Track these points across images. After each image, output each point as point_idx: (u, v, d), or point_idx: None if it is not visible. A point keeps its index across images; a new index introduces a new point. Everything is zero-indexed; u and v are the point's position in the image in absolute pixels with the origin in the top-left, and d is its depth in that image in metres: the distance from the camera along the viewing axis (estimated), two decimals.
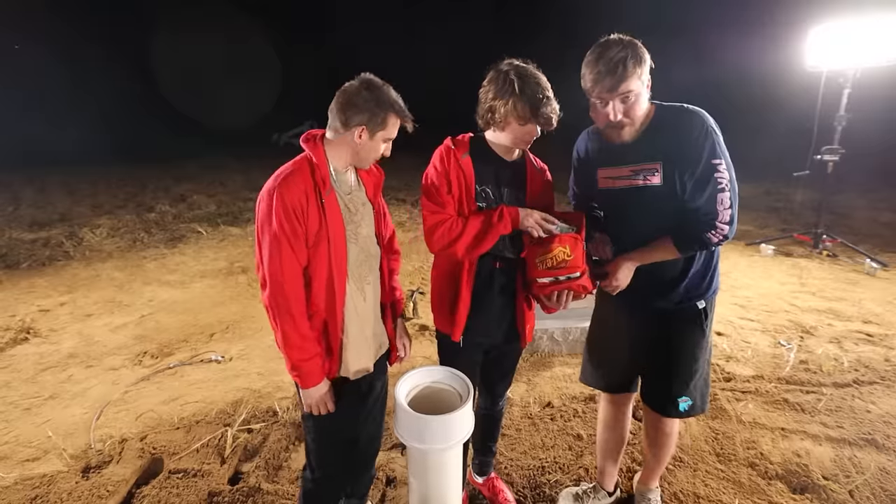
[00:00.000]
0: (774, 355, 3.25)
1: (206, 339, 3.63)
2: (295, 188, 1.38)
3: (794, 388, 2.88)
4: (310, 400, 1.51)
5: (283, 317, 1.40)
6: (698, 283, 1.65)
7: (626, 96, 1.44)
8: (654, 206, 1.56)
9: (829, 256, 5.14)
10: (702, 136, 1.46)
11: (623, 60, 1.40)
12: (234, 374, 3.13)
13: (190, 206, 7.79)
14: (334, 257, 1.45)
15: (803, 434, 2.48)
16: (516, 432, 2.56)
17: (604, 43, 1.45)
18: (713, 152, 1.46)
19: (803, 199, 6.72)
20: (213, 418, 2.68)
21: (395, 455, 2.38)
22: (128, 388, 2.98)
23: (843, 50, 4.74)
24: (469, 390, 1.40)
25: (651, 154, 1.52)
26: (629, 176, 1.58)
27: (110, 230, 6.43)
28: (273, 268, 1.38)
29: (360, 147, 1.46)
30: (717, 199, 1.46)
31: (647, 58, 1.45)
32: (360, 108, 1.41)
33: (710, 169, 1.46)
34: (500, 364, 1.93)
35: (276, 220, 1.36)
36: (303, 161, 1.45)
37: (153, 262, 5.37)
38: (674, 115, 1.52)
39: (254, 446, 2.45)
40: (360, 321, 1.56)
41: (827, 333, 3.52)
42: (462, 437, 1.34)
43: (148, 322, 3.91)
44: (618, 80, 1.41)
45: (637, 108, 1.48)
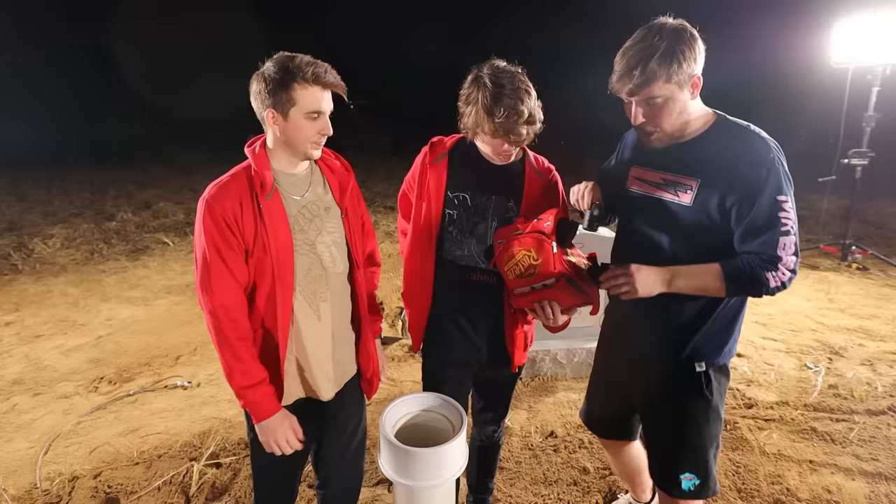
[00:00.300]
0: (800, 379, 3.26)
1: (171, 362, 3.59)
2: (226, 197, 1.35)
3: (823, 415, 2.89)
4: (267, 436, 1.44)
5: (220, 341, 1.37)
6: (709, 342, 1.52)
7: (649, 101, 1.36)
8: (674, 230, 1.46)
9: (859, 269, 5.19)
10: (765, 164, 1.31)
11: (645, 61, 1.30)
12: (201, 401, 3.10)
13: (155, 214, 7.77)
14: (277, 269, 1.40)
15: (834, 467, 2.48)
16: (516, 465, 2.54)
17: (643, 30, 1.35)
18: (779, 186, 1.31)
19: (830, 207, 6.79)
20: (178, 452, 2.64)
21: (382, 492, 2.35)
22: (81, 418, 2.94)
23: (871, 45, 4.80)
24: (462, 419, 1.39)
25: (691, 167, 1.41)
26: (658, 184, 1.48)
27: (65, 241, 6.39)
28: (205, 288, 1.35)
29: (284, 135, 1.40)
30: (780, 243, 1.31)
31: (691, 55, 1.31)
32: (263, 90, 1.36)
33: (773, 207, 1.31)
34: (492, 389, 1.92)
35: (206, 234, 1.34)
36: (242, 166, 1.44)
37: (113, 276, 5.33)
38: (734, 133, 1.39)
39: (223, 483, 2.42)
40: (311, 343, 1.51)
41: (858, 355, 3.54)
42: (454, 472, 1.33)
43: (105, 343, 3.86)
44: (635, 85, 1.33)
45: (666, 115, 1.37)
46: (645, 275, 1.40)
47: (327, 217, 1.53)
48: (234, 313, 1.38)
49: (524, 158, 1.72)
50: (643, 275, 1.39)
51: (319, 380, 1.54)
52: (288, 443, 1.45)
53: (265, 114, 1.38)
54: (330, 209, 1.54)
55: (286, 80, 1.32)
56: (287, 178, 1.47)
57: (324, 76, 1.36)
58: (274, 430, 1.43)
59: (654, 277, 1.40)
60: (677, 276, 1.40)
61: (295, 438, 1.47)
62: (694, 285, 1.39)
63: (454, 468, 1.33)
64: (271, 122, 1.39)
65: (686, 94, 1.36)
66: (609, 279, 1.43)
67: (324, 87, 1.37)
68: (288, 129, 1.39)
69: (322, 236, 1.51)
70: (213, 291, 1.35)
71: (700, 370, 1.51)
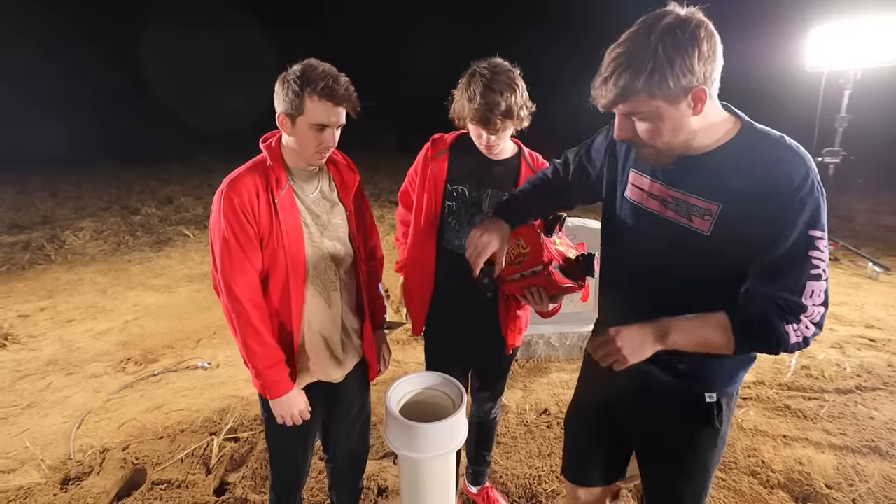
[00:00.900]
0: (775, 361, 3.26)
1: (192, 345, 3.60)
2: (244, 188, 1.35)
3: (796, 394, 2.89)
4: (282, 411, 1.46)
5: (242, 325, 1.37)
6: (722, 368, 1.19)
7: (630, 115, 1.04)
8: (686, 259, 1.10)
9: (830, 260, 5.16)
10: (802, 189, 0.97)
11: (621, 70, 0.97)
12: (220, 381, 3.11)
13: (177, 209, 7.74)
14: (290, 260, 1.41)
15: (805, 441, 2.48)
16: (512, 440, 2.55)
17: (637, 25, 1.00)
18: (815, 219, 0.97)
19: None
20: (199, 427, 2.65)
21: (387, 464, 2.36)
22: (110, 396, 2.95)
23: (843, 50, 4.78)
24: (462, 397, 1.39)
25: (710, 189, 1.05)
26: (667, 202, 1.12)
27: (94, 233, 6.37)
28: (226, 274, 1.34)
29: (293, 139, 1.38)
30: (807, 290, 0.98)
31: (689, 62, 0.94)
32: (280, 94, 1.34)
33: (804, 243, 0.97)
34: (489, 369, 1.93)
35: (225, 222, 1.33)
36: (258, 160, 1.43)
37: (138, 265, 5.33)
38: (764, 146, 1.03)
39: (241, 456, 2.43)
40: (322, 327, 1.52)
41: (829, 338, 3.54)
42: (455, 445, 1.33)
43: (132, 328, 3.87)
44: (609, 100, 1.02)
45: (653, 133, 1.03)
46: (630, 338, 1.08)
47: (334, 213, 1.52)
48: (254, 298, 1.38)
49: (520, 154, 1.72)
50: (628, 338, 1.08)
51: (329, 363, 1.55)
52: (301, 416, 1.49)
53: (278, 115, 1.37)
54: (336, 206, 1.54)
55: (300, 88, 1.30)
56: (299, 175, 1.46)
57: (336, 92, 1.31)
58: (290, 406, 1.46)
59: (643, 338, 1.07)
60: (673, 330, 1.07)
61: (307, 412, 1.50)
62: (695, 341, 1.07)
63: (454, 442, 1.33)
64: (281, 125, 1.38)
65: (683, 110, 0.99)
66: (595, 350, 1.13)
67: (335, 104, 1.33)
68: (294, 135, 1.37)
69: (329, 231, 1.50)
70: (233, 277, 1.34)
71: (710, 401, 1.21)
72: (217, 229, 1.36)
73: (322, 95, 1.30)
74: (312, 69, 1.31)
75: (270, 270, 1.41)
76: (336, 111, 1.34)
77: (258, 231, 1.37)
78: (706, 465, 1.27)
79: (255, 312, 1.38)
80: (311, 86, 1.29)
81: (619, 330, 1.09)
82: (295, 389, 1.46)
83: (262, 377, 1.42)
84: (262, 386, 1.44)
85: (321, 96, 1.30)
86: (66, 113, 14.05)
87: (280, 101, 1.34)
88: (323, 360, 1.54)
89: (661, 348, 1.07)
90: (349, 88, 1.35)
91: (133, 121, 15.18)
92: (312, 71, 1.30)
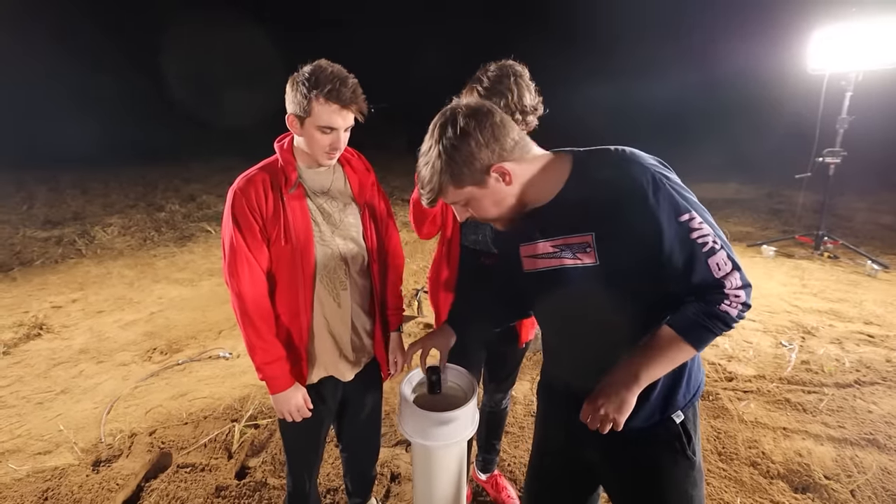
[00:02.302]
0: (776, 355, 3.22)
1: (215, 336, 3.63)
2: (252, 187, 1.33)
3: (796, 388, 2.85)
4: (281, 406, 1.44)
5: (245, 320, 1.36)
6: (675, 387, 1.13)
7: (455, 204, 1.09)
8: (592, 297, 1.06)
9: (830, 258, 5.09)
10: (646, 191, 0.97)
11: (424, 173, 1.05)
12: (241, 370, 3.14)
13: (199, 206, 7.82)
14: (298, 258, 1.38)
15: (805, 434, 2.45)
16: (520, 430, 2.54)
17: (435, 125, 1.04)
18: (674, 207, 0.97)
19: (805, 202, 6.66)
20: (221, 414, 2.68)
21: (400, 451, 2.37)
22: (137, 383, 2.99)
23: (845, 53, 4.70)
24: (474, 388, 1.39)
25: (575, 223, 1.05)
26: (553, 253, 1.10)
27: (121, 229, 6.46)
28: (231, 270, 1.33)
29: (302, 140, 1.36)
30: (712, 266, 0.97)
31: (476, 148, 1.00)
32: (290, 95, 1.31)
33: (681, 231, 0.97)
34: (503, 363, 1.92)
35: (233, 220, 1.32)
36: (270, 160, 1.41)
37: (163, 260, 5.39)
38: (599, 166, 1.04)
39: (261, 442, 2.45)
40: (331, 326, 1.49)
41: (828, 334, 3.49)
42: (466, 434, 1.33)
43: (157, 319, 3.92)
44: (427, 202, 1.08)
45: (481, 211, 1.08)
46: (609, 398, 1.03)
47: (346, 212, 1.49)
48: (257, 296, 1.36)
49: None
50: (608, 400, 1.03)
51: (340, 361, 1.53)
52: (299, 412, 1.45)
53: (287, 116, 1.35)
54: (349, 205, 1.50)
55: (308, 91, 1.27)
56: (310, 174, 1.44)
57: (343, 95, 1.27)
58: (288, 402, 1.43)
59: (618, 392, 1.02)
60: (640, 369, 1.02)
61: (305, 409, 1.47)
62: (663, 366, 1.03)
63: (466, 431, 1.33)
64: (290, 125, 1.36)
65: (493, 187, 1.04)
66: (589, 420, 1.07)
67: (342, 107, 1.30)
68: (303, 136, 1.35)
69: (341, 230, 1.47)
70: (238, 276, 1.33)
71: (679, 421, 1.13)
72: (226, 226, 1.36)
73: (329, 98, 1.27)
74: (321, 71, 1.28)
75: (279, 268, 1.39)
76: (343, 114, 1.31)
77: (265, 229, 1.35)
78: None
79: (257, 309, 1.36)
80: (318, 88, 1.26)
81: (595, 398, 1.05)
82: (293, 388, 1.43)
83: (262, 372, 1.40)
84: (264, 380, 1.42)
85: (328, 99, 1.27)
86: (94, 114, 14.23)
87: (290, 102, 1.32)
88: (332, 358, 1.52)
89: (639, 391, 1.03)
90: (357, 91, 1.31)
91: (156, 122, 15.33)
92: (321, 73, 1.27)
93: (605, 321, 1.08)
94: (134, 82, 16.53)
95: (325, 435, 1.68)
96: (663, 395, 1.12)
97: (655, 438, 1.14)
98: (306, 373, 1.49)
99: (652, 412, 1.12)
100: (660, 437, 1.14)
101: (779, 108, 10.00)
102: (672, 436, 1.13)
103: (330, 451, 2.28)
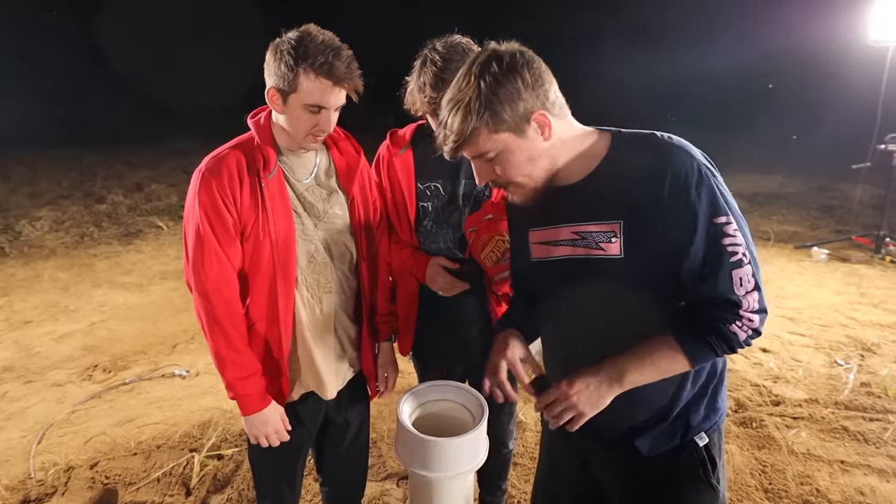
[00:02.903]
0: (830, 376, 3.26)
1: (168, 350, 3.62)
2: (224, 169, 1.32)
3: (855, 414, 2.89)
4: (255, 429, 1.42)
5: (212, 327, 1.34)
6: (697, 405, 1.16)
7: (482, 158, 1.09)
8: (612, 292, 1.10)
9: (893, 262, 5.16)
10: (689, 181, 1.02)
11: (454, 114, 1.05)
12: (200, 391, 3.13)
13: (148, 197, 7.79)
14: (277, 256, 1.37)
15: (867, 468, 2.49)
16: (530, 461, 2.56)
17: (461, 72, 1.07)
18: (714, 206, 1.02)
19: (863, 196, 6.76)
20: (177, 442, 2.67)
21: (390, 487, 2.37)
22: (75, 407, 2.97)
23: None
24: (483, 410, 1.40)
25: (604, 209, 1.09)
26: (572, 241, 1.14)
27: (53, 223, 6.42)
28: (197, 269, 1.32)
29: (284, 118, 1.36)
30: (734, 280, 1.01)
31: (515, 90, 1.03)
32: (271, 65, 1.30)
33: (713, 233, 1.01)
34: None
35: (200, 209, 1.30)
36: (244, 138, 1.40)
37: (105, 260, 5.37)
38: (642, 149, 1.09)
39: (225, 475, 2.45)
40: (313, 337, 1.49)
41: (892, 351, 3.53)
42: (475, 463, 1.35)
43: (99, 330, 3.89)
44: (451, 149, 1.08)
45: (510, 168, 1.09)
46: (585, 388, 1.08)
47: (332, 202, 1.49)
48: (228, 298, 1.35)
49: None
50: (583, 390, 1.08)
51: (321, 376, 1.52)
52: (277, 435, 1.45)
53: (268, 90, 1.34)
54: (335, 194, 1.51)
55: (295, 62, 1.25)
56: (291, 157, 1.44)
57: (336, 70, 1.26)
58: (264, 424, 1.42)
59: (598, 385, 1.08)
60: (627, 369, 1.07)
61: (283, 431, 1.46)
62: (653, 372, 1.08)
63: (475, 460, 1.34)
64: (271, 101, 1.35)
65: (531, 138, 1.07)
66: (548, 409, 1.12)
67: (335, 83, 1.29)
68: (285, 114, 1.35)
69: (325, 223, 1.48)
70: (205, 272, 1.32)
71: (702, 444, 1.16)
72: (191, 216, 1.34)
73: (320, 73, 1.26)
74: (311, 39, 1.26)
75: (254, 267, 1.39)
76: (335, 91, 1.30)
77: (238, 221, 1.34)
78: None
79: (228, 315, 1.35)
80: (307, 60, 1.24)
81: (572, 382, 1.09)
82: (271, 406, 1.42)
83: (233, 389, 1.39)
84: (235, 398, 1.41)
85: (319, 73, 1.26)
86: (17, 83, 14.03)
87: (271, 73, 1.31)
88: (314, 372, 1.51)
89: (619, 392, 1.08)
90: (352, 65, 1.31)
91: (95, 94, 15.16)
92: (311, 41, 1.26)
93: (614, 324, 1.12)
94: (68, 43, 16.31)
95: (303, 464, 1.68)
96: (685, 415, 1.15)
97: (676, 465, 1.16)
98: (286, 390, 1.49)
99: (672, 435, 1.15)
100: (681, 464, 1.16)
101: (833, 87, 10.14)
102: (695, 462, 1.16)
103: (308, 485, 2.28)
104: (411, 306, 1.76)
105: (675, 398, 1.14)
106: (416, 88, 1.53)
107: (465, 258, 1.66)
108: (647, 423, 1.16)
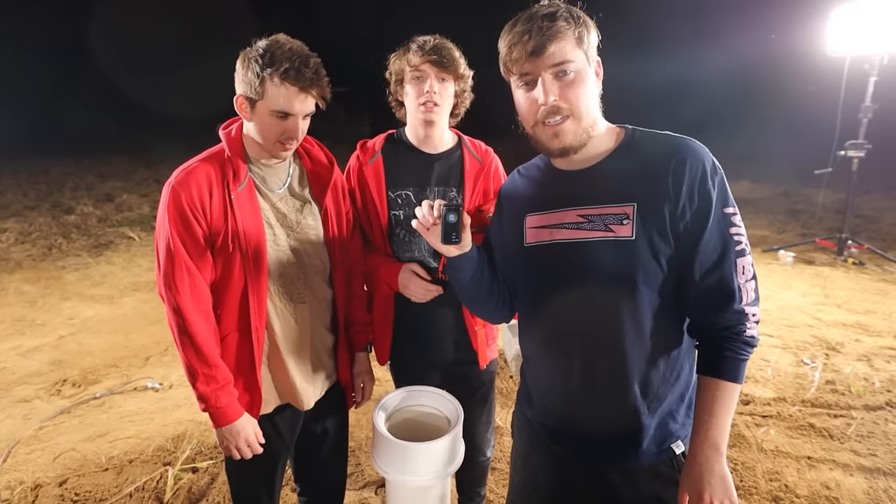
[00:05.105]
0: (797, 375, 3.35)
1: (140, 363, 3.55)
2: (193, 182, 1.32)
3: (821, 411, 2.97)
4: (229, 440, 1.42)
5: (184, 341, 1.34)
6: (675, 414, 1.19)
7: (560, 68, 1.07)
8: (618, 276, 1.11)
9: (855, 264, 5.32)
10: (707, 170, 1.08)
11: (551, 16, 1.06)
12: (174, 403, 3.08)
13: (118, 208, 7.64)
14: (249, 267, 1.38)
15: (832, 463, 2.56)
16: (508, 466, 2.56)
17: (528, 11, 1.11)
18: (725, 197, 1.09)
19: (826, 201, 6.96)
20: (151, 456, 2.62)
21: (369, 495, 2.37)
22: (43, 423, 2.90)
23: (868, 33, 4.91)
24: (459, 414, 1.42)
25: (618, 191, 1.12)
26: (577, 223, 1.15)
27: (19, 235, 6.26)
28: (169, 283, 1.32)
29: (252, 126, 1.37)
30: (737, 265, 1.08)
31: (593, 30, 1.11)
32: (240, 73, 1.32)
33: (723, 223, 1.08)
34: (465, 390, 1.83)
35: (171, 224, 1.31)
36: (215, 150, 1.41)
37: (74, 272, 5.25)
38: (663, 143, 1.14)
39: (200, 489, 2.41)
40: (288, 348, 1.49)
41: (855, 350, 3.65)
42: (451, 468, 1.36)
43: (68, 344, 3.81)
44: (544, 38, 1.05)
45: (579, 91, 1.09)
46: (713, 485, 1.05)
47: (304, 213, 1.50)
48: (200, 312, 1.35)
49: (460, 143, 1.74)
50: (711, 484, 1.06)
51: (297, 387, 1.52)
52: (250, 447, 1.44)
53: (236, 97, 1.35)
54: (308, 204, 1.51)
55: (261, 69, 1.27)
56: (263, 168, 1.44)
57: (303, 76, 1.29)
58: (236, 436, 1.41)
59: (713, 471, 1.06)
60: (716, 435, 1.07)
61: (256, 443, 1.46)
62: (728, 417, 1.09)
63: (451, 464, 1.35)
64: (240, 109, 1.36)
65: (593, 78, 1.13)
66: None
67: (301, 90, 1.31)
68: (253, 122, 1.36)
69: (298, 233, 1.48)
70: (177, 288, 1.32)
71: (679, 452, 1.18)
72: (162, 229, 1.34)
73: (286, 79, 1.28)
74: (278, 47, 1.29)
75: (226, 278, 1.39)
76: (301, 98, 1.32)
77: (209, 233, 1.35)
78: None
79: (200, 327, 1.35)
80: (273, 66, 1.27)
81: (698, 491, 1.06)
82: (243, 418, 1.42)
83: (205, 402, 1.38)
84: (207, 410, 1.40)
85: (284, 79, 1.28)
86: None
87: (240, 81, 1.33)
88: (290, 383, 1.51)
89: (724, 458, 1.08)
90: (319, 72, 1.33)
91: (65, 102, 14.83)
92: (278, 49, 1.28)
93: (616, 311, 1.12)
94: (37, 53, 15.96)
95: (280, 475, 1.67)
96: (659, 425, 1.17)
97: (654, 472, 1.18)
98: (260, 402, 1.48)
99: (650, 443, 1.17)
100: (661, 474, 1.18)
101: (794, 96, 10.46)
102: (673, 469, 1.17)
103: (285, 496, 2.26)
104: (387, 316, 1.76)
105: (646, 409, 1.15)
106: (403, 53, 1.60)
107: (438, 268, 1.68)
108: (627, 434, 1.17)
